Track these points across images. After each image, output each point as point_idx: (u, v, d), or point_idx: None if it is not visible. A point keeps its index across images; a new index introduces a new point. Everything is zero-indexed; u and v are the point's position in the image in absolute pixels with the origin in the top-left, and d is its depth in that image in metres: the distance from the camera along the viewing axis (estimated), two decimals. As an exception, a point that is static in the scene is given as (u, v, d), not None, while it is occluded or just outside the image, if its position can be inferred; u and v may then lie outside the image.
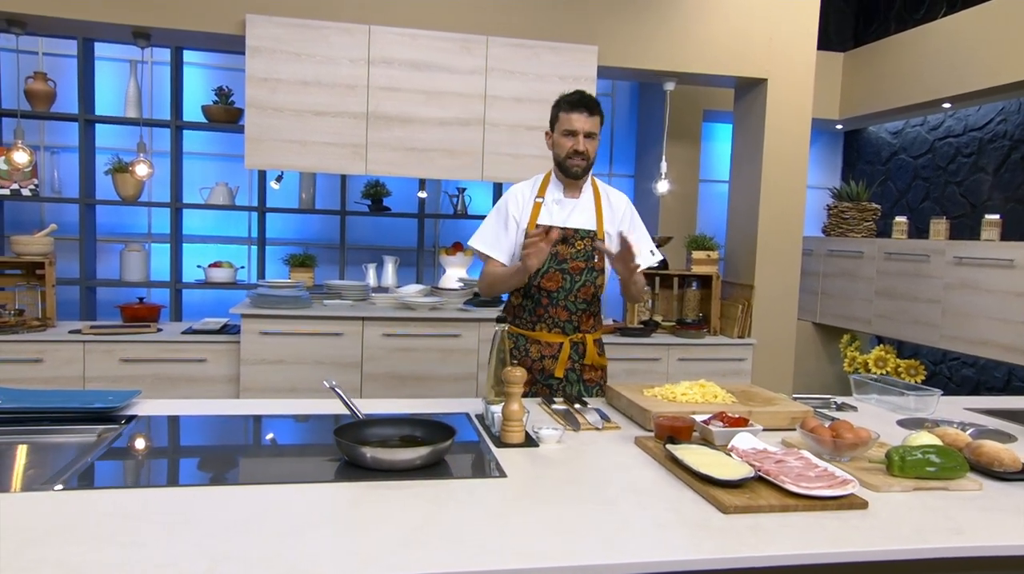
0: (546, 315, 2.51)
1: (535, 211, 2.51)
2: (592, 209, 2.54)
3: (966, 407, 2.43)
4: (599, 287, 2.56)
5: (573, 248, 2.49)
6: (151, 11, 3.69)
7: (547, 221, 2.48)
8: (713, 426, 1.84)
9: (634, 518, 1.37)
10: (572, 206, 2.53)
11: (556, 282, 2.49)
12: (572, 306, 2.51)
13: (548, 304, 2.50)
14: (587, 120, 2.42)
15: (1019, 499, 1.56)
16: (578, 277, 2.49)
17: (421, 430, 1.75)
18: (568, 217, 2.51)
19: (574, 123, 2.41)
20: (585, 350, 2.55)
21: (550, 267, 2.48)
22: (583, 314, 2.53)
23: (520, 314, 2.57)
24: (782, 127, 4.35)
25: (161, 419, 1.93)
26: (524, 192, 2.56)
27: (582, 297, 2.52)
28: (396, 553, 1.17)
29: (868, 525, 1.38)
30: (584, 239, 2.49)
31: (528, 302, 2.54)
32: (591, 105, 2.42)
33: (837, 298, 5.32)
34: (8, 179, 4.45)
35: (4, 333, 3.62)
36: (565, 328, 2.52)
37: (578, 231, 2.50)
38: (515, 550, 1.21)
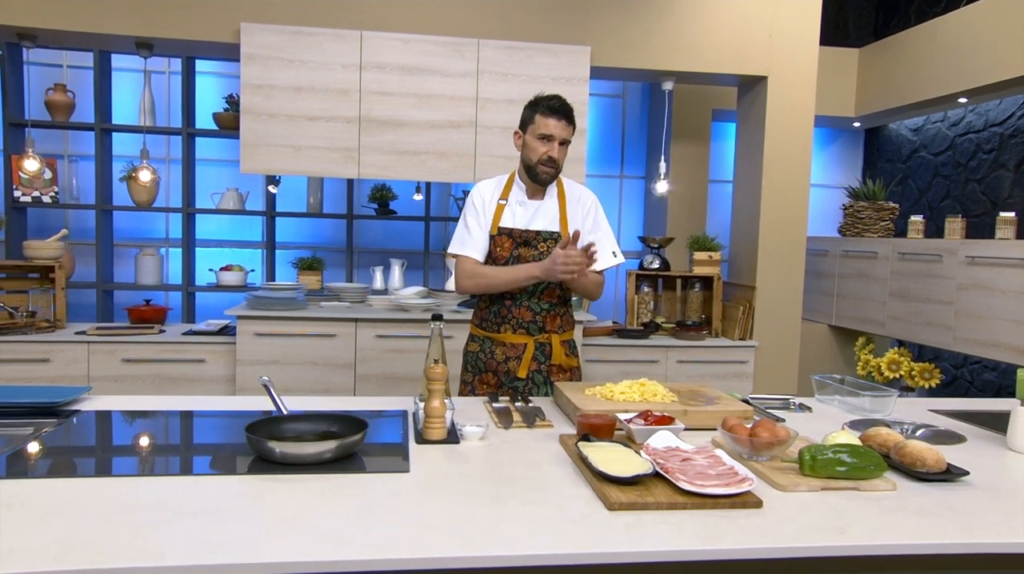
0: (510, 316, 2.50)
1: (498, 212, 2.50)
2: (556, 210, 2.52)
3: (930, 409, 2.35)
4: (565, 290, 2.54)
5: (536, 250, 2.48)
6: (152, 22, 3.82)
7: (510, 223, 2.48)
8: (634, 425, 1.82)
9: (515, 514, 1.37)
10: (535, 208, 2.51)
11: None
12: (536, 307, 2.50)
13: (512, 305, 2.49)
14: (565, 128, 2.39)
15: (930, 500, 1.51)
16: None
17: (339, 426, 1.77)
18: (531, 219, 2.49)
19: (551, 129, 2.37)
20: (551, 351, 2.53)
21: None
22: (547, 315, 2.51)
23: (486, 316, 2.56)
24: (784, 125, 4.27)
25: (101, 415, 1.99)
26: (487, 191, 2.55)
27: (546, 299, 2.50)
28: (249, 543, 1.20)
29: (752, 523, 1.36)
30: (547, 241, 2.48)
31: (493, 305, 2.53)
32: (570, 113, 2.40)
33: (852, 300, 5.18)
34: (30, 187, 4.65)
35: (14, 334, 3.78)
36: (529, 329, 2.50)
37: (540, 233, 2.48)
38: (369, 542, 1.22)
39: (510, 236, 2.48)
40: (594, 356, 4.17)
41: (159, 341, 3.86)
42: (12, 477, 1.48)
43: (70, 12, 3.77)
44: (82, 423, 1.91)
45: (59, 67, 4.99)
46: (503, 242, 2.48)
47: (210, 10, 3.84)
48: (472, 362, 2.58)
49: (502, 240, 2.48)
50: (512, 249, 2.48)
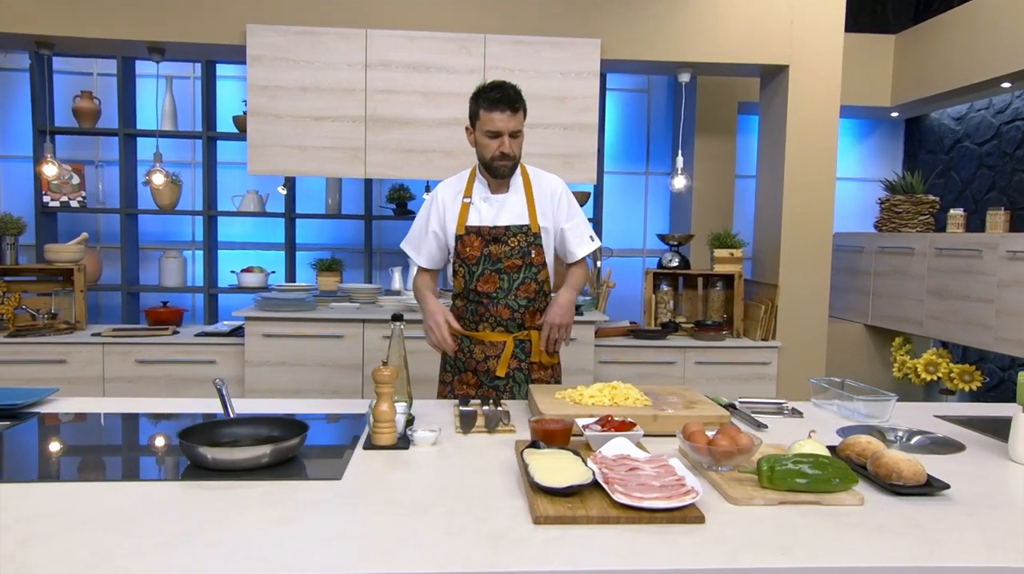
0: (487, 314, 2.44)
1: (463, 212, 2.43)
2: (523, 202, 2.43)
3: (935, 414, 2.18)
4: (542, 283, 2.47)
5: (507, 246, 2.40)
6: (162, 27, 3.86)
7: (476, 221, 2.41)
8: (590, 431, 1.72)
9: (434, 526, 1.29)
10: (501, 202, 2.42)
11: (493, 283, 2.41)
12: (514, 304, 2.43)
13: (489, 304, 2.43)
14: (510, 119, 2.28)
15: (898, 516, 1.37)
16: (515, 275, 2.41)
17: (281, 429, 1.72)
18: (498, 215, 2.41)
19: (497, 123, 2.28)
20: (531, 348, 2.46)
21: (485, 269, 2.40)
22: (526, 310, 2.45)
23: (463, 315, 2.50)
24: (807, 117, 4.08)
25: (56, 417, 1.98)
26: (448, 192, 2.47)
27: (523, 294, 2.43)
28: (139, 557, 1.15)
29: (686, 541, 1.25)
30: (517, 236, 2.40)
31: (470, 303, 2.47)
32: (513, 101, 2.28)
33: (888, 298, 4.93)
34: (58, 192, 4.77)
35: (34, 335, 3.87)
36: (508, 326, 2.44)
37: (509, 228, 2.40)
38: (264, 557, 1.16)
39: (478, 234, 2.40)
40: (608, 357, 4.05)
41: (172, 342, 3.90)
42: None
43: (84, 19, 3.84)
44: (31, 427, 1.90)
45: (90, 75, 5.11)
46: (471, 241, 2.40)
47: (217, 13, 3.86)
48: (451, 362, 2.52)
49: (470, 239, 2.40)
50: (482, 247, 2.40)
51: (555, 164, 3.98)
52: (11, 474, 1.55)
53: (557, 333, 2.38)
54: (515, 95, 2.29)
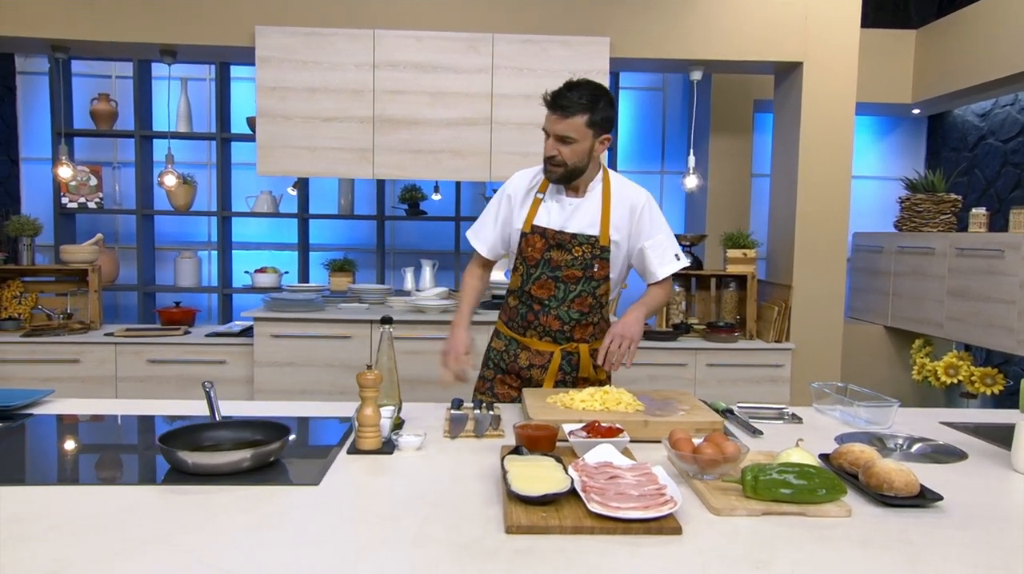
0: (537, 322, 2.31)
1: (533, 207, 2.28)
2: (597, 211, 2.25)
3: (941, 421, 2.12)
4: (600, 297, 2.31)
5: (569, 254, 2.24)
6: (173, 30, 3.89)
7: (545, 221, 2.26)
8: (575, 437, 1.69)
9: (403, 535, 1.27)
10: (574, 207, 2.26)
11: (548, 290, 2.28)
12: (565, 315, 2.29)
13: (540, 311, 2.30)
14: (559, 122, 2.12)
15: (885, 529, 1.33)
16: (573, 286, 2.27)
17: (264, 433, 1.71)
18: (568, 220, 2.25)
19: (546, 123, 2.15)
20: (579, 361, 2.34)
21: (543, 273, 2.28)
22: (577, 324, 2.31)
23: (514, 317, 2.37)
24: (822, 114, 4.00)
25: (48, 419, 1.99)
26: (522, 184, 2.33)
27: (576, 307, 2.29)
28: (95, 565, 1.14)
29: (659, 553, 1.22)
30: (583, 246, 2.24)
31: (521, 306, 2.34)
32: (567, 104, 2.10)
33: (908, 299, 4.83)
34: (76, 193, 4.83)
35: (49, 334, 3.92)
36: (556, 337, 2.32)
37: (576, 237, 2.24)
38: (224, 566, 1.14)
39: (543, 236, 2.26)
40: (617, 359, 4.00)
41: (183, 343, 3.93)
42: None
43: (98, 23, 3.88)
44: (21, 429, 1.90)
45: (108, 78, 5.18)
46: (535, 241, 2.26)
47: (227, 15, 3.88)
48: (495, 360, 2.42)
49: (534, 239, 2.27)
50: (544, 251, 2.26)
51: (564, 164, 3.94)
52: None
53: (619, 347, 2.17)
54: (577, 98, 2.11)
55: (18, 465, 1.64)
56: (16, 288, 4.19)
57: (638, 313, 2.25)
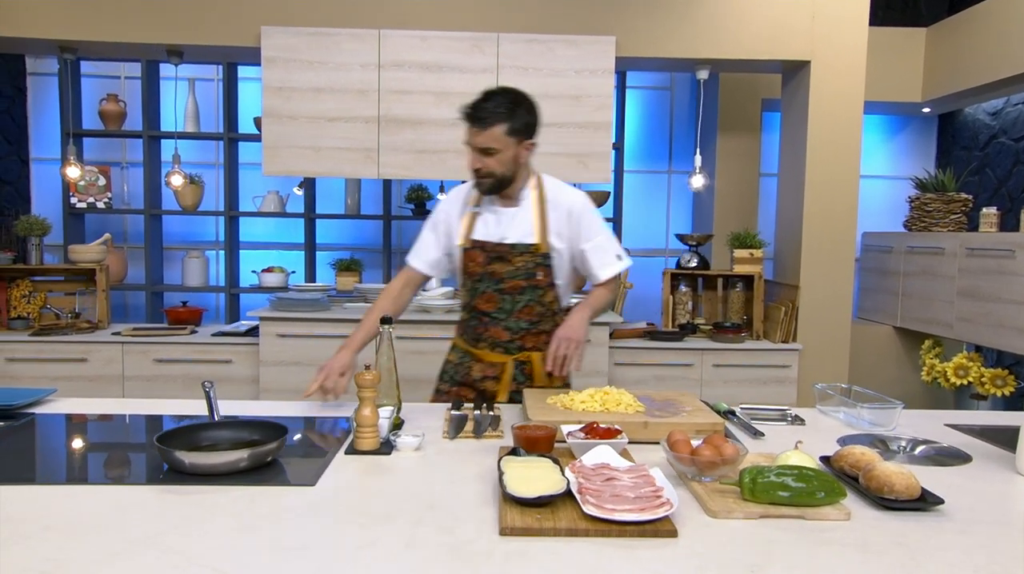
0: (486, 334, 2.31)
1: (470, 222, 2.27)
2: (534, 218, 2.23)
3: (946, 423, 2.09)
4: (548, 304, 2.30)
5: (510, 265, 2.23)
6: (180, 30, 3.91)
7: (482, 234, 2.25)
8: (573, 438, 1.68)
9: (395, 537, 1.27)
10: (510, 217, 2.24)
11: (493, 303, 2.27)
12: (514, 326, 2.28)
13: (488, 322, 2.29)
14: (478, 134, 2.09)
15: (884, 533, 1.31)
16: (518, 296, 2.25)
17: (262, 433, 1.71)
18: (505, 231, 2.24)
19: (466, 137, 2.13)
20: (532, 370, 2.32)
21: (486, 287, 2.26)
22: (527, 333, 2.30)
23: (466, 330, 2.38)
24: (829, 113, 3.98)
25: (49, 418, 1.99)
26: (457, 200, 2.32)
27: (524, 317, 2.28)
28: (88, 565, 1.14)
29: (654, 556, 1.21)
30: (523, 255, 2.22)
31: (472, 319, 2.34)
32: (484, 115, 2.07)
33: (917, 300, 4.79)
34: (85, 193, 4.86)
35: (57, 334, 3.94)
36: (508, 348, 2.31)
37: (515, 247, 2.22)
38: (213, 566, 1.14)
39: (482, 250, 2.25)
40: (623, 359, 4.00)
41: (189, 342, 3.95)
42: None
43: (105, 23, 3.90)
44: (21, 428, 1.91)
45: (117, 78, 5.20)
46: (475, 256, 2.26)
47: (233, 16, 3.89)
48: (450, 373, 2.42)
49: (474, 254, 2.26)
50: (485, 264, 2.25)
51: (569, 163, 3.93)
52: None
53: (565, 349, 2.14)
54: (494, 108, 2.09)
55: (17, 464, 1.65)
56: (25, 287, 4.22)
57: (582, 315, 2.22)
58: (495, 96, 2.12)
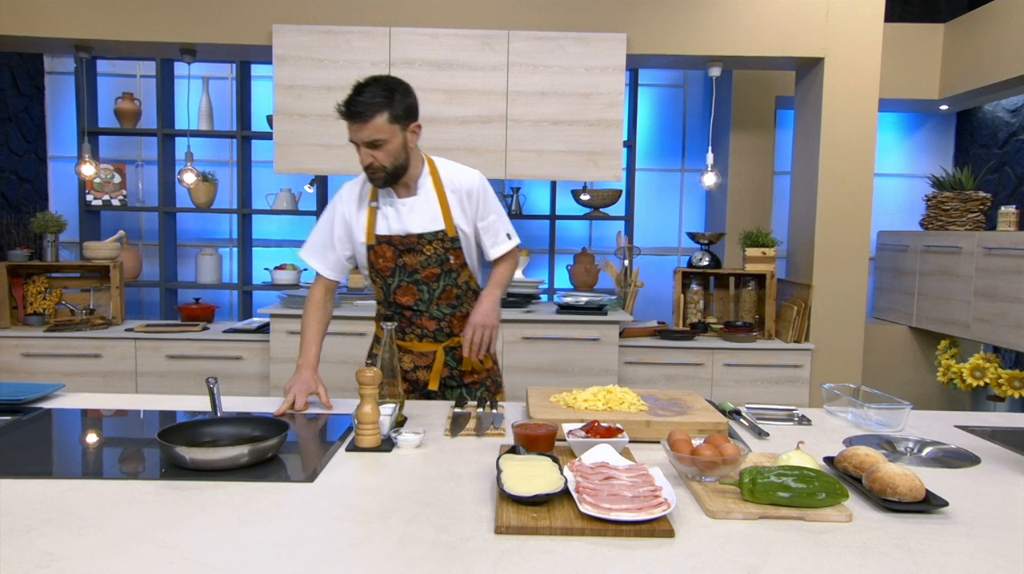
0: (412, 326, 2.29)
1: (370, 218, 2.22)
2: (435, 203, 2.21)
3: (956, 425, 2.06)
4: (463, 283, 2.29)
5: (422, 255, 2.21)
6: (192, 29, 3.93)
7: (385, 229, 2.21)
8: (573, 437, 1.67)
9: (389, 534, 1.26)
10: (410, 206, 2.21)
11: (412, 295, 2.26)
12: (438, 314, 2.28)
13: (412, 315, 2.28)
14: (361, 129, 2.05)
15: (885, 535, 1.29)
16: (435, 284, 2.25)
17: (263, 429, 1.72)
18: (409, 221, 2.20)
19: (349, 133, 2.09)
20: (462, 355, 2.29)
21: (401, 281, 2.24)
22: (452, 318, 2.30)
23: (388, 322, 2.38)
24: (843, 111, 3.93)
25: (55, 413, 2.01)
26: (352, 196, 2.25)
27: (445, 302, 2.28)
28: (84, 558, 1.15)
29: (650, 556, 1.20)
30: (432, 242, 2.21)
31: (392, 314, 2.31)
32: (361, 109, 2.03)
33: (934, 299, 4.72)
34: (101, 191, 4.91)
35: (71, 330, 3.98)
36: (436, 336, 2.30)
37: (423, 236, 2.20)
38: (205, 562, 1.14)
39: (390, 244, 2.21)
40: (633, 358, 3.98)
41: (201, 338, 3.97)
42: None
43: (119, 22, 3.93)
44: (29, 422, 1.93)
45: (133, 77, 5.25)
46: (384, 251, 2.22)
47: (245, 14, 3.91)
48: (381, 365, 2.40)
49: (382, 249, 2.22)
50: (395, 258, 2.23)
51: (579, 161, 3.92)
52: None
53: (481, 335, 2.19)
54: (371, 99, 2.04)
55: (22, 458, 1.66)
56: (41, 284, 4.26)
57: (492, 297, 2.25)
58: (368, 87, 2.08)
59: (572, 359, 3.87)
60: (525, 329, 3.88)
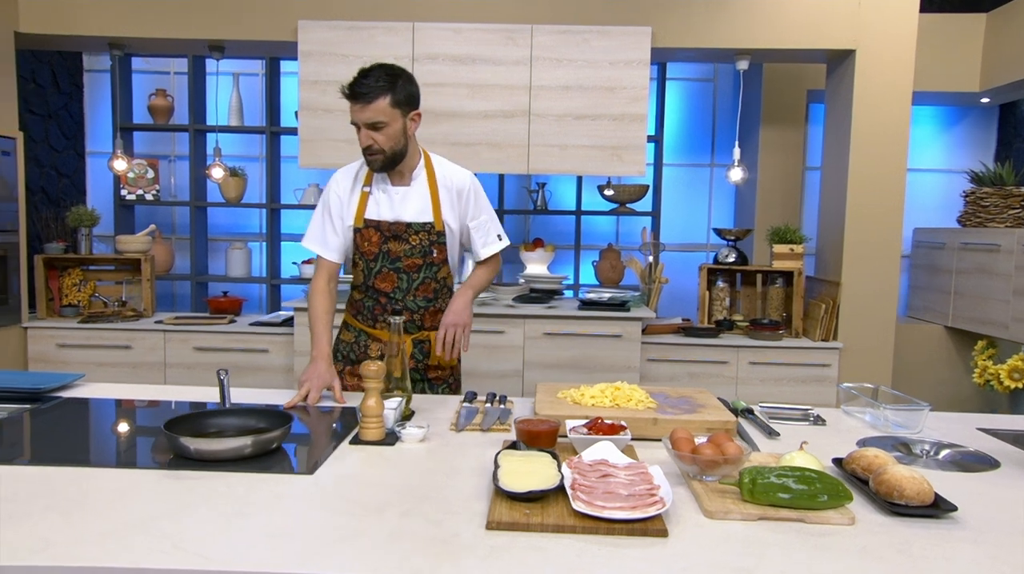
0: (385, 314, 2.30)
1: (362, 202, 2.25)
2: (427, 196, 2.25)
3: (979, 427, 2.00)
4: (442, 280, 2.33)
5: (407, 244, 2.24)
6: (219, 25, 3.99)
7: (375, 214, 2.25)
8: (575, 434, 1.66)
9: (381, 528, 1.26)
10: (402, 195, 2.25)
11: (391, 282, 2.27)
12: (413, 305, 2.30)
13: (387, 303, 2.30)
14: (364, 110, 2.08)
15: (888, 539, 1.25)
16: (415, 275, 2.27)
17: (268, 421, 1.73)
18: (399, 209, 2.24)
19: (352, 114, 2.11)
20: (430, 349, 2.33)
21: (383, 266, 2.26)
22: (426, 312, 2.32)
23: (361, 310, 2.36)
24: (875, 105, 3.83)
25: (73, 403, 2.05)
26: (346, 180, 2.29)
27: (422, 295, 2.30)
28: (78, 545, 1.17)
29: (640, 555, 1.18)
30: (419, 233, 2.24)
31: (367, 299, 2.33)
32: (365, 91, 2.07)
33: (971, 298, 4.59)
34: (135, 186, 5.01)
35: (103, 321, 4.08)
36: (407, 327, 2.30)
37: (411, 225, 2.24)
38: (197, 551, 1.16)
39: (377, 229, 2.24)
40: (656, 355, 3.94)
41: (228, 331, 4.04)
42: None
43: (149, 20, 4.00)
44: (47, 410, 1.97)
45: (167, 74, 5.35)
46: (370, 235, 2.25)
47: (272, 10, 3.95)
48: (344, 352, 2.39)
49: (369, 234, 2.25)
50: (380, 243, 2.25)
51: (603, 156, 3.89)
52: (1, 457, 1.60)
53: (454, 335, 2.24)
54: (374, 83, 2.07)
55: (33, 446, 1.70)
56: (76, 276, 4.37)
57: (466, 297, 2.29)
58: (373, 71, 2.11)
59: (593, 356, 3.85)
60: (546, 325, 3.87)
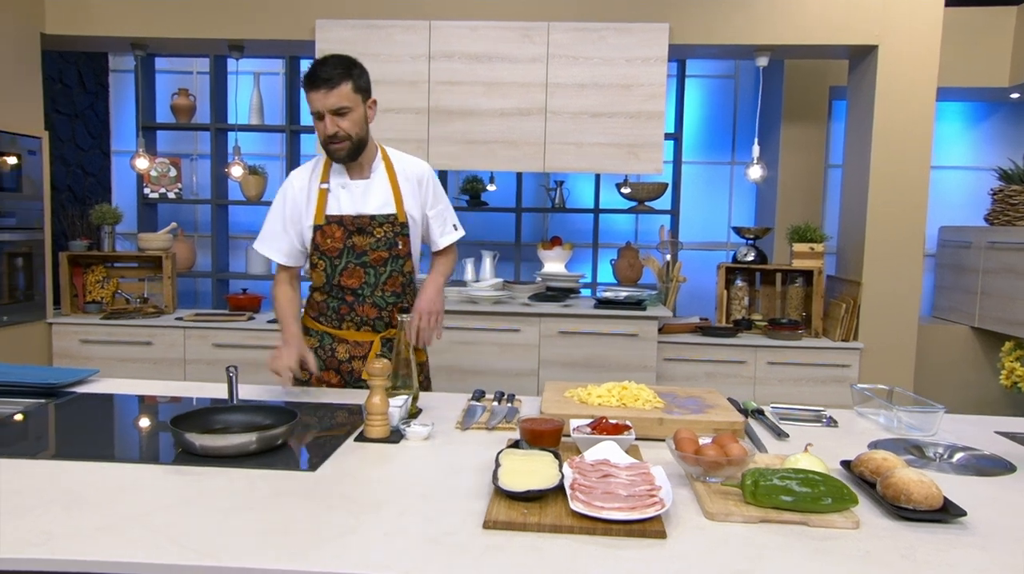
0: (352, 313, 2.28)
1: (321, 199, 2.22)
2: (388, 188, 2.24)
3: (996, 430, 1.95)
4: (408, 274, 2.31)
5: (372, 237, 2.21)
6: (238, 24, 4.02)
7: (336, 210, 2.21)
8: (579, 433, 1.64)
9: (377, 526, 1.26)
10: (363, 188, 2.23)
11: (358, 278, 2.24)
12: (381, 301, 2.27)
13: (354, 302, 2.26)
14: (328, 96, 2.05)
15: (892, 544, 1.23)
16: (382, 268, 2.25)
17: (274, 418, 1.74)
18: (362, 203, 2.22)
19: (315, 103, 2.08)
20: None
21: (348, 262, 2.23)
22: (394, 307, 2.29)
23: (324, 311, 2.31)
24: (898, 101, 3.77)
25: (86, 398, 2.08)
26: (302, 180, 2.25)
27: (390, 289, 2.27)
28: (73, 539, 1.18)
29: (635, 556, 1.16)
30: (383, 225, 2.22)
31: (331, 300, 2.29)
32: (328, 76, 2.05)
33: (998, 298, 4.50)
34: (158, 184, 5.07)
35: (125, 318, 4.13)
36: (375, 325, 2.29)
37: (375, 218, 2.22)
38: (192, 546, 1.17)
39: (340, 224, 2.21)
40: (673, 355, 3.91)
41: (246, 328, 4.07)
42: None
43: (169, 20, 4.04)
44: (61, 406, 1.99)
45: (190, 73, 5.41)
46: (333, 231, 2.21)
47: (290, 9, 3.98)
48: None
49: (331, 230, 2.21)
50: (344, 239, 2.22)
51: (620, 154, 3.86)
52: (6, 451, 1.62)
53: (427, 322, 2.24)
54: (333, 70, 2.06)
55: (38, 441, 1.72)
56: (100, 273, 4.43)
57: (436, 285, 2.33)
58: (329, 60, 2.11)
59: (609, 355, 3.83)
60: (562, 323, 3.85)
